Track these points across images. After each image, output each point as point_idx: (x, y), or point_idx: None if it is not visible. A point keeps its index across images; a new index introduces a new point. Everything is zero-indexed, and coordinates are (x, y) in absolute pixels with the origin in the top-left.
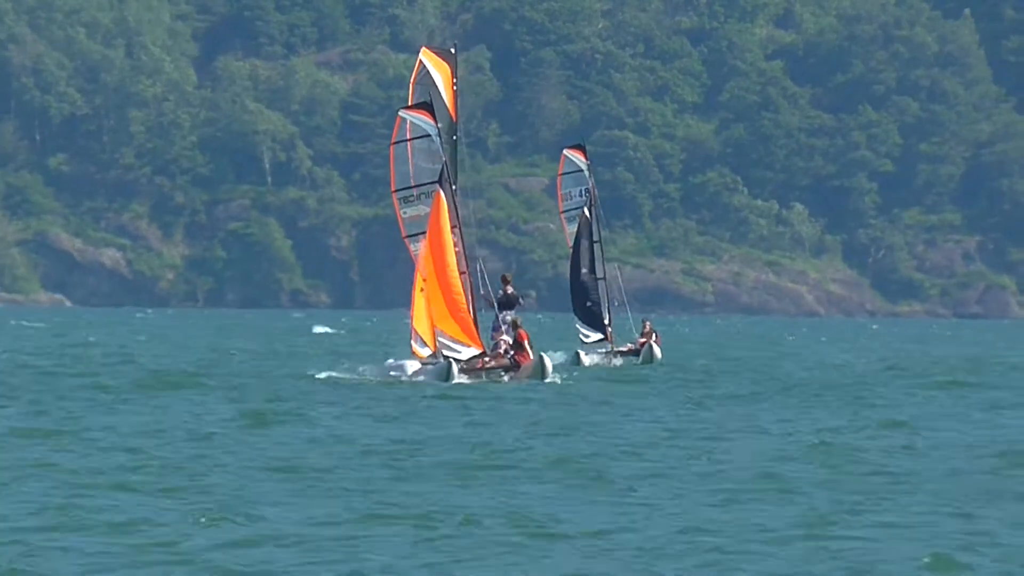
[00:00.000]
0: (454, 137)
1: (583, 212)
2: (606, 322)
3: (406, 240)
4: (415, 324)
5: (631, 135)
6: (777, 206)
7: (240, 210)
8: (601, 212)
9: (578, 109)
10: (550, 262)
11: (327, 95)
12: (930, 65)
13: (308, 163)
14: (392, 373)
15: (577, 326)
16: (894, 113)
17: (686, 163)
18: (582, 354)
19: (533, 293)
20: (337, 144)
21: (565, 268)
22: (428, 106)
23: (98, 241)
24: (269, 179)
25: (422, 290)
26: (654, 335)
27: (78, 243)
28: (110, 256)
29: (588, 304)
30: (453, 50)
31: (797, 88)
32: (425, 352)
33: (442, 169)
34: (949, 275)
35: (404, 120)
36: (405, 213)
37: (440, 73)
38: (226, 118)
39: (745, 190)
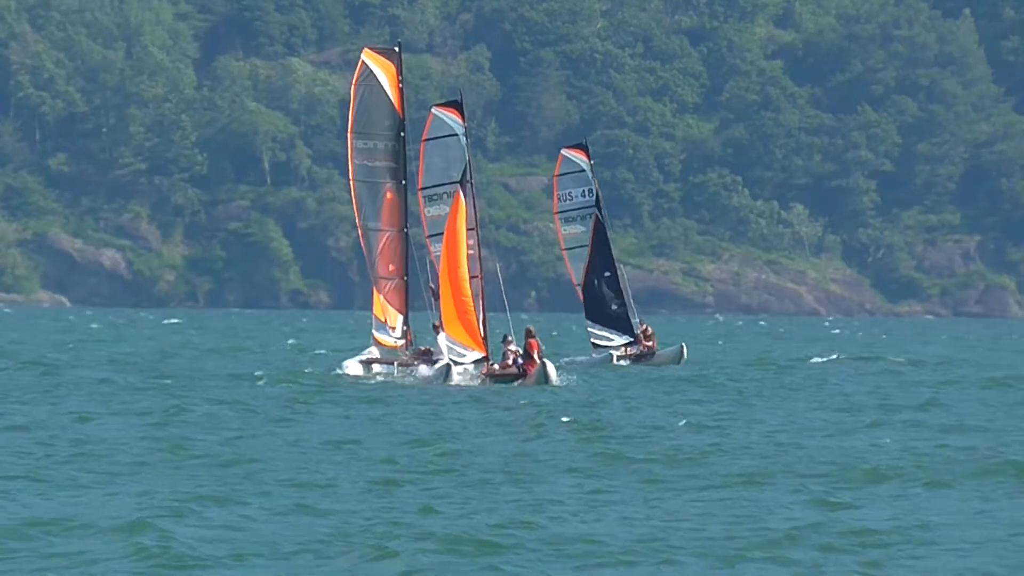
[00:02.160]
0: (401, 134)
1: (596, 214)
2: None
3: (428, 240)
4: (375, 312)
5: (631, 135)
6: (777, 206)
7: (240, 210)
8: (607, 213)
9: (577, 109)
10: (549, 262)
11: (327, 95)
12: (929, 65)
13: (308, 163)
14: (379, 371)
15: (592, 330)
16: (893, 113)
17: (686, 163)
18: (614, 355)
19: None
20: (337, 144)
21: (564, 269)
22: (458, 104)
23: (98, 241)
24: (268, 179)
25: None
26: (653, 339)
27: (78, 243)
28: (110, 256)
29: (613, 308)
30: (397, 49)
31: (796, 88)
32: (388, 339)
33: (464, 169)
34: (949, 275)
35: (436, 117)
36: (429, 212)
37: (384, 72)
38: (226, 118)
39: (745, 190)
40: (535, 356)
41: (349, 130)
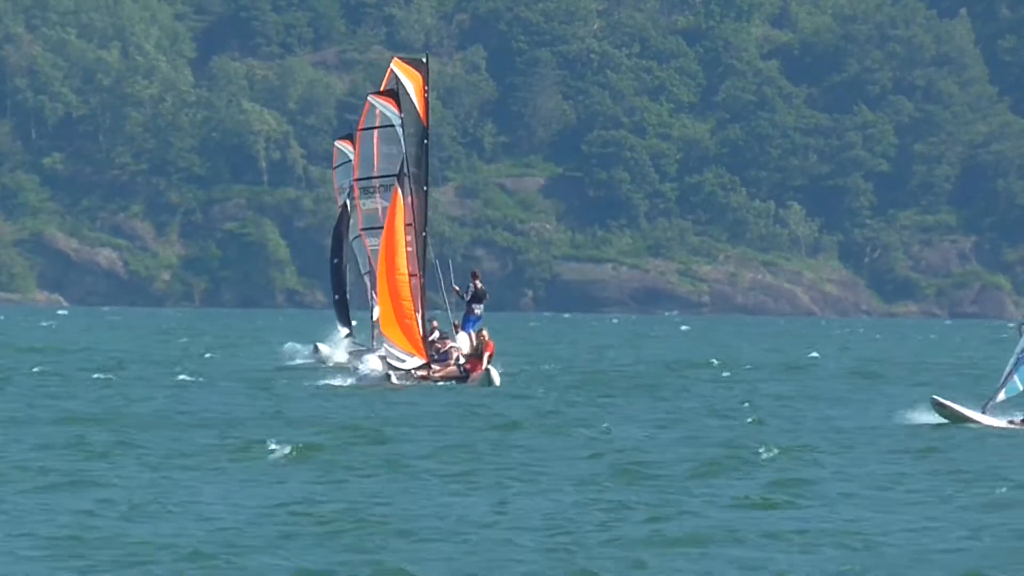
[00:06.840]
0: (424, 141)
1: (347, 202)
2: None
3: (362, 233)
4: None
5: (627, 135)
6: (773, 206)
7: (236, 210)
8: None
9: (574, 109)
10: (546, 262)
11: (323, 95)
12: (926, 65)
13: (304, 163)
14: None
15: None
16: (890, 113)
17: (682, 163)
18: (321, 346)
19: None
20: (333, 144)
21: (562, 268)
22: (395, 94)
23: (94, 241)
24: (265, 179)
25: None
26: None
27: (74, 243)
28: (106, 256)
29: (336, 297)
30: (425, 59)
31: (793, 88)
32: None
33: (402, 163)
34: (945, 275)
35: (373, 106)
36: (364, 205)
37: (412, 81)
38: (222, 118)
39: (742, 190)
40: (484, 358)
41: (369, 117)
